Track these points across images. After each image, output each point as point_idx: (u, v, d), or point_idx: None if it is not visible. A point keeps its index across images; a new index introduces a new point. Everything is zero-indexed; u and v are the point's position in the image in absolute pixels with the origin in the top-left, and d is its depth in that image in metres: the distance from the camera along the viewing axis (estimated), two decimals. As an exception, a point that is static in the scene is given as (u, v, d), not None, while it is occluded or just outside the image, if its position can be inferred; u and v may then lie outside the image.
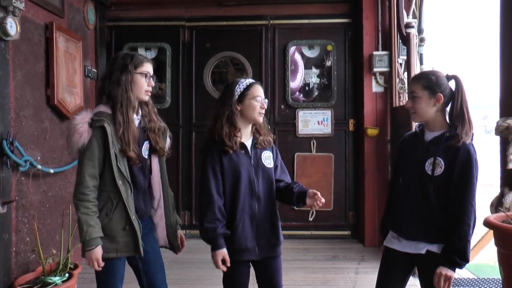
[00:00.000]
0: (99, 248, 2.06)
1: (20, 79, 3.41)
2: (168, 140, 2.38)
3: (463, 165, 2.02)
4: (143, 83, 2.17)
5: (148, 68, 2.20)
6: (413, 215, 2.11)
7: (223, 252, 2.20)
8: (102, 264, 2.08)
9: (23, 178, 3.38)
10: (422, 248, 2.10)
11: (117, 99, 2.11)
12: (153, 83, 2.23)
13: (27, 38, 3.51)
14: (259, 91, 2.28)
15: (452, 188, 2.03)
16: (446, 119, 2.13)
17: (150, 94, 2.23)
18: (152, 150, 2.28)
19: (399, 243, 2.18)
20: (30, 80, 3.55)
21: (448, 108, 2.13)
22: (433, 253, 2.08)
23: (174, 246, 2.36)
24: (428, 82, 2.10)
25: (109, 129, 2.06)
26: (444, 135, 2.08)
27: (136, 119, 2.21)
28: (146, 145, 2.25)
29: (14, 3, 3.07)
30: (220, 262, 2.20)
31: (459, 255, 1.98)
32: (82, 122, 2.05)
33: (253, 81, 2.32)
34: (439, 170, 2.05)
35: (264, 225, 2.28)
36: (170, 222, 2.33)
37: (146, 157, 2.26)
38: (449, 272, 1.98)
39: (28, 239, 3.42)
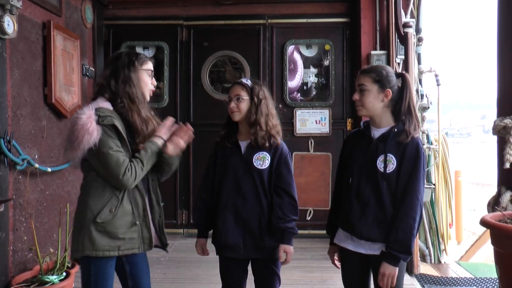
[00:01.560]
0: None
1: (18, 78, 3.41)
2: None
3: (411, 159, 2.02)
4: (149, 80, 2.17)
5: (151, 66, 2.20)
6: (366, 215, 2.06)
7: (200, 241, 2.40)
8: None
9: (20, 177, 3.38)
10: (376, 249, 2.06)
11: (133, 96, 2.08)
12: (155, 82, 2.23)
13: (25, 37, 3.50)
14: (230, 91, 2.34)
15: (400, 183, 2.01)
16: (391, 116, 2.10)
17: (151, 94, 2.21)
18: None
19: (352, 242, 2.13)
20: (28, 79, 3.55)
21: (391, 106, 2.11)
22: None
23: (163, 243, 2.27)
24: (378, 76, 2.07)
25: (119, 125, 2.02)
26: (392, 130, 2.06)
27: None
28: None
29: (12, 1, 3.06)
30: (198, 250, 2.41)
31: (403, 250, 1.97)
32: (89, 120, 1.95)
33: (237, 81, 2.38)
34: (391, 167, 2.03)
35: (250, 225, 2.28)
36: (156, 220, 2.23)
37: None
38: (392, 271, 1.99)
39: (25, 237, 3.42)
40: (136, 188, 2.10)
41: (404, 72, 2.09)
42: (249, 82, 2.34)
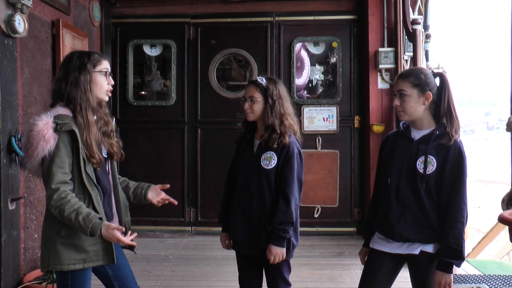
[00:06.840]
0: (106, 224, 1.90)
1: (28, 76, 3.42)
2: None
3: (455, 163, 2.01)
4: (103, 82, 2.07)
5: (107, 65, 2.10)
6: (405, 216, 2.06)
7: (222, 235, 2.49)
8: (121, 231, 1.89)
9: (31, 175, 3.39)
10: (415, 248, 2.06)
11: (77, 101, 1.99)
12: (112, 81, 2.13)
13: (34, 35, 3.52)
14: (245, 91, 2.38)
15: (444, 187, 2.01)
16: (432, 118, 2.09)
17: (110, 94, 2.12)
18: (108, 153, 2.17)
19: (388, 244, 2.12)
20: (37, 77, 3.56)
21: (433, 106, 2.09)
22: (427, 253, 2.05)
23: (131, 245, 2.13)
24: (417, 80, 2.05)
25: (78, 132, 1.95)
26: (434, 133, 2.05)
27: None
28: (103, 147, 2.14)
29: (22, 0, 3.07)
30: (222, 244, 2.50)
31: (456, 256, 1.97)
32: (46, 127, 1.88)
33: (252, 80, 2.42)
34: (431, 168, 2.02)
35: (255, 223, 2.32)
36: (123, 221, 2.18)
37: (105, 158, 2.14)
38: (448, 278, 1.98)
39: (36, 235, 3.43)
40: (100, 199, 2.03)
41: (442, 71, 2.07)
42: (264, 82, 2.32)
